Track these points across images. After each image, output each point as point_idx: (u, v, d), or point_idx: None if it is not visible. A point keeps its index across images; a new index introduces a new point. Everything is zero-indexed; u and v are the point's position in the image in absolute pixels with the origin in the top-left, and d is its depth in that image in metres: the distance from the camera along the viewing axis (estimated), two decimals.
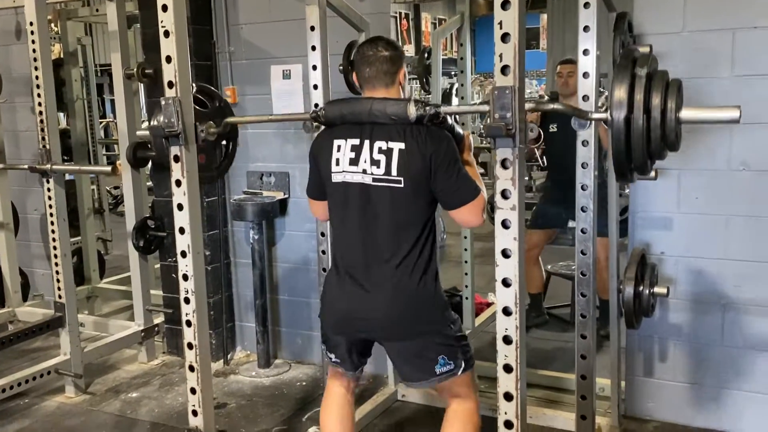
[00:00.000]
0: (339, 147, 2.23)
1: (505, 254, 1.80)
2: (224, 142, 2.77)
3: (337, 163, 2.24)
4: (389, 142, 2.15)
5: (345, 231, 2.29)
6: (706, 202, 3.00)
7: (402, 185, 2.15)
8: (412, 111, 2.10)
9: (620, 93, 1.86)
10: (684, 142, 2.99)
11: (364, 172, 2.19)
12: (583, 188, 2.55)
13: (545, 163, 3.21)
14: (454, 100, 9.50)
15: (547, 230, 4.37)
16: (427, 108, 2.10)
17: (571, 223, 2.93)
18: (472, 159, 2.35)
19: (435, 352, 2.23)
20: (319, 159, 2.31)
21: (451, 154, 2.15)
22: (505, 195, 1.78)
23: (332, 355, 2.41)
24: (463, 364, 2.27)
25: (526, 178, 5.69)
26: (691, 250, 3.05)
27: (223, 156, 2.74)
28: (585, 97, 2.50)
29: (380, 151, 2.16)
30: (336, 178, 2.25)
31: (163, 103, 2.20)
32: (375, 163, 2.17)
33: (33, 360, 3.97)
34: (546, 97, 11.14)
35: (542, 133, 4.14)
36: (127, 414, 3.56)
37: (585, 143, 2.53)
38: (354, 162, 2.20)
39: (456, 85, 5.06)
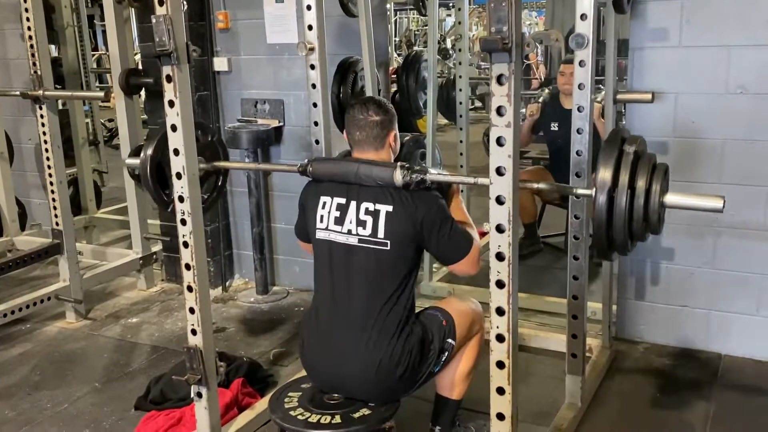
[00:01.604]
0: (324, 204, 2.23)
1: (499, 172, 1.80)
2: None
3: (321, 220, 2.24)
4: (376, 204, 2.15)
5: (326, 288, 2.27)
6: (702, 127, 2.99)
7: (388, 248, 2.14)
8: (399, 178, 2.10)
9: (605, 173, 1.91)
10: (681, 65, 3.00)
11: (349, 232, 2.18)
12: (578, 132, 2.51)
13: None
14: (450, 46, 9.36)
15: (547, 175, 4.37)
16: (414, 175, 2.09)
17: None
18: (461, 202, 2.37)
19: (420, 380, 2.24)
20: (306, 210, 2.33)
21: (441, 215, 2.16)
22: (500, 112, 1.76)
23: None
24: (450, 341, 2.27)
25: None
26: (686, 175, 3.05)
27: (213, 190, 2.70)
28: (580, 38, 2.41)
29: (367, 212, 2.16)
30: (320, 234, 2.25)
31: (153, 21, 2.15)
32: (361, 224, 2.16)
33: (33, 287, 4.01)
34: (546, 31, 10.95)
35: (542, 127, 4.38)
36: (127, 338, 3.63)
37: (582, 63, 2.49)
38: (339, 222, 2.20)
39: (452, 23, 4.97)
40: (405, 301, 2.19)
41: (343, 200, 2.21)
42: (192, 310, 2.38)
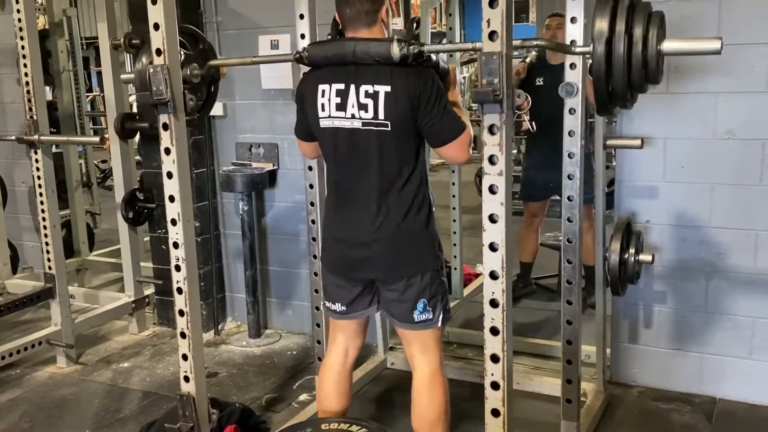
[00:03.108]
0: (323, 92, 2.23)
1: (492, 219, 1.82)
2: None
3: (323, 109, 2.24)
4: (375, 85, 2.15)
5: (337, 173, 2.34)
6: (691, 171, 3.03)
7: (389, 128, 2.17)
8: (396, 51, 2.08)
9: (602, 23, 1.86)
10: (670, 110, 3.05)
11: (353, 117, 2.19)
12: (570, 156, 2.56)
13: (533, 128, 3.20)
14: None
15: (541, 201, 4.38)
16: (411, 47, 2.09)
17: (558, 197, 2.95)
18: (457, 94, 2.37)
19: (417, 293, 2.28)
20: (305, 103, 2.31)
21: (436, 93, 2.15)
22: (492, 161, 1.79)
23: (336, 306, 2.44)
24: (441, 315, 2.31)
25: (515, 151, 5.72)
26: (676, 219, 3.09)
27: (205, 98, 2.70)
28: (570, 87, 2.45)
29: (367, 94, 2.16)
30: (323, 123, 2.26)
31: (151, 71, 2.19)
32: (363, 107, 2.17)
33: (24, 332, 3.98)
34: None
35: (528, 83, 4.11)
36: (118, 383, 3.59)
37: (572, 111, 2.53)
38: (341, 107, 2.21)
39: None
40: (419, 195, 2.25)
41: (341, 85, 2.20)
42: (185, 357, 2.37)
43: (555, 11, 4.20)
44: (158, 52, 2.18)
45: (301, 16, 2.79)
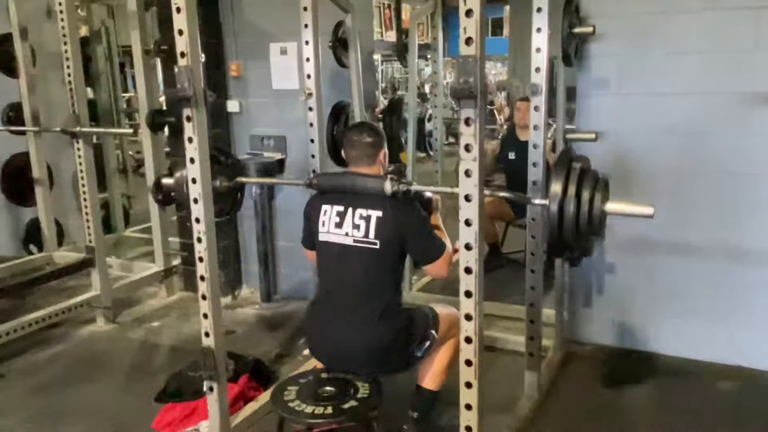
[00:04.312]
0: (325, 211, 2.28)
1: (467, 198, 1.81)
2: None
3: (323, 225, 2.28)
4: (368, 210, 2.20)
5: (328, 282, 2.33)
6: (637, 160, 3.02)
7: (378, 246, 2.19)
8: (388, 188, 2.15)
9: (557, 185, 1.95)
10: (619, 108, 3.04)
11: (347, 234, 2.23)
12: (534, 147, 2.55)
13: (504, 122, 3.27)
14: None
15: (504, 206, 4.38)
16: (401, 186, 2.15)
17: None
18: (439, 218, 2.40)
19: (408, 359, 2.28)
20: (311, 218, 2.35)
21: (420, 222, 2.21)
22: (468, 149, 1.78)
23: None
24: (433, 333, 2.31)
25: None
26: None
27: (233, 202, 2.74)
28: (535, 87, 2.46)
29: (361, 217, 2.21)
30: (322, 237, 2.29)
31: (176, 70, 2.17)
32: (356, 227, 2.21)
33: (68, 296, 3.95)
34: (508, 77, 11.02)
35: (502, 156, 4.36)
36: (149, 339, 3.59)
37: (537, 109, 2.52)
38: (339, 225, 2.24)
39: (430, 71, 4.99)
40: (392, 293, 2.24)
41: (341, 208, 2.25)
42: (206, 316, 2.37)
43: (524, 96, 4.27)
44: (182, 54, 2.16)
45: (306, 26, 2.78)
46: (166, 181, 2.54)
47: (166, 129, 4.16)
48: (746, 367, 3.01)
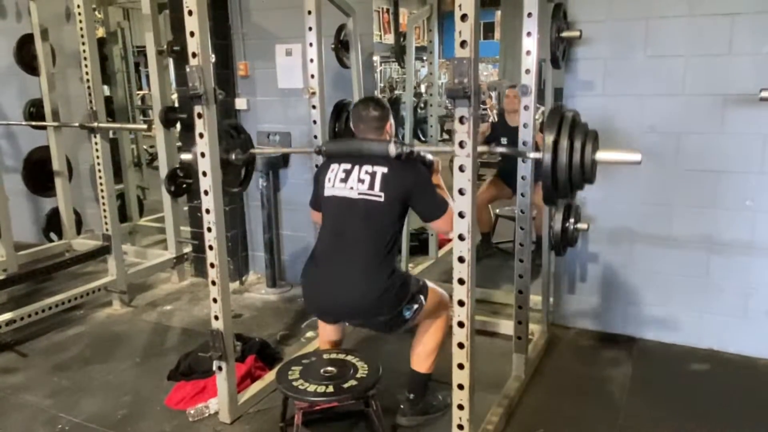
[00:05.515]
0: (333, 169, 2.28)
1: (461, 192, 1.82)
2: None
3: (329, 181, 2.27)
4: (374, 167, 2.19)
5: (328, 233, 2.29)
6: None
7: (382, 200, 2.18)
8: (392, 150, 2.13)
9: (550, 136, 1.90)
10: (604, 109, 3.03)
11: (351, 188, 2.21)
12: (524, 143, 2.54)
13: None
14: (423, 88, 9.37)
15: (501, 187, 4.36)
16: (404, 147, 2.14)
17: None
18: (440, 179, 2.38)
19: (396, 318, 2.24)
20: (318, 179, 2.34)
21: (425, 181, 2.21)
22: (462, 145, 1.78)
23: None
24: (422, 297, 2.27)
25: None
26: (608, 197, 3.10)
27: (244, 175, 2.72)
28: (525, 88, 2.44)
29: (366, 172, 2.20)
30: (327, 192, 2.28)
31: (188, 70, 2.16)
32: (361, 181, 2.20)
33: (86, 281, 3.96)
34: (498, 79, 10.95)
35: (492, 141, 4.19)
36: (162, 322, 3.59)
37: (526, 108, 2.51)
38: (344, 180, 2.23)
39: (426, 72, 4.95)
40: (389, 250, 2.20)
41: (348, 166, 2.25)
42: (215, 300, 2.37)
43: (514, 83, 4.21)
44: (193, 54, 2.15)
45: (310, 28, 2.77)
46: (185, 156, 2.45)
47: (179, 125, 4.14)
48: (717, 350, 3.02)
